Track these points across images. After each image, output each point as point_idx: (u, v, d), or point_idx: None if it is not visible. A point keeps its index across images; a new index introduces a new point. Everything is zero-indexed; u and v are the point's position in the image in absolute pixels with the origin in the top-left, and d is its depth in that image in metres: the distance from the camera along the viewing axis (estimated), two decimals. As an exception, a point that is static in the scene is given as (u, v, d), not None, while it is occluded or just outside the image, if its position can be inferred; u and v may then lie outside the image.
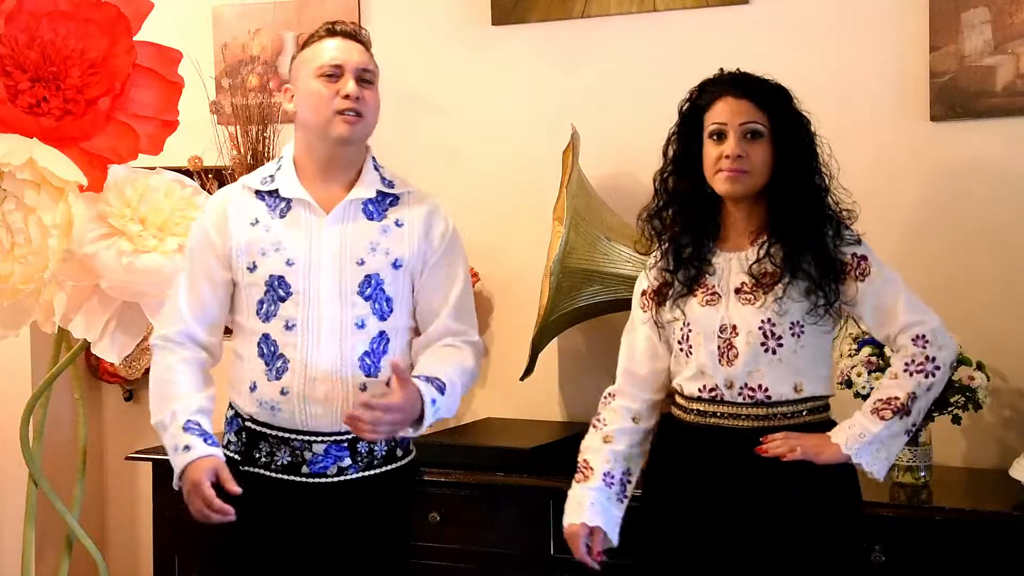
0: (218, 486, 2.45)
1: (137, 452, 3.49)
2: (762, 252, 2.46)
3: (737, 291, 2.48)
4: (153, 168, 3.02)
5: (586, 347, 3.56)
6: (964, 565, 2.71)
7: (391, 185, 2.62)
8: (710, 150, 2.49)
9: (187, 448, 2.49)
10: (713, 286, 2.51)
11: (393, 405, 2.40)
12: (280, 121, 3.60)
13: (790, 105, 2.51)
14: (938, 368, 2.44)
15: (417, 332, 2.66)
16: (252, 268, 2.54)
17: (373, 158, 2.64)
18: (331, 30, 2.60)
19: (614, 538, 2.59)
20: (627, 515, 2.60)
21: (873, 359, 2.90)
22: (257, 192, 2.58)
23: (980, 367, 2.93)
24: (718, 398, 2.49)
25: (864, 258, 2.46)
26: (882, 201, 3.06)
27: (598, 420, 2.65)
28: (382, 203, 2.60)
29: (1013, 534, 2.69)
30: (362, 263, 2.53)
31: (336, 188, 2.57)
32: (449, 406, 2.54)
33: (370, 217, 2.58)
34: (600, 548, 2.56)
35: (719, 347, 2.48)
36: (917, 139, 3.18)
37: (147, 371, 3.90)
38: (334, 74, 2.53)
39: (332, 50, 2.56)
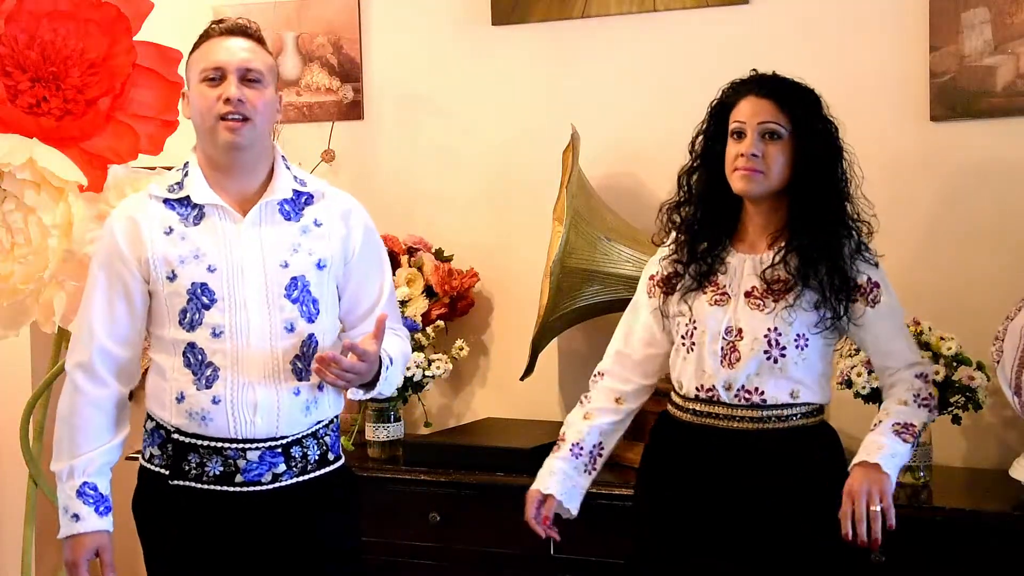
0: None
1: (137, 452, 3.49)
2: (777, 258, 2.46)
3: (747, 294, 2.48)
4: (153, 168, 3.02)
5: (586, 347, 3.56)
6: (964, 565, 2.72)
7: (303, 183, 2.53)
8: (730, 148, 2.50)
9: (75, 517, 2.46)
10: (724, 286, 2.51)
11: (370, 354, 2.40)
12: (279, 121, 3.60)
13: (816, 109, 2.49)
14: (936, 408, 2.53)
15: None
16: (172, 277, 2.42)
17: (283, 157, 2.54)
18: (217, 29, 2.47)
19: (572, 508, 2.65)
20: (620, 513, 2.61)
21: (873, 359, 2.90)
22: (165, 201, 2.47)
23: (980, 367, 2.93)
24: (715, 399, 2.49)
25: (877, 285, 2.47)
26: (882, 201, 3.04)
27: (585, 397, 2.70)
28: (297, 202, 2.50)
29: (1013, 534, 2.69)
30: (286, 265, 2.45)
31: (247, 191, 2.48)
32: (392, 382, 2.56)
33: (287, 218, 2.48)
34: (548, 514, 2.62)
35: (722, 348, 2.48)
36: (917, 139, 3.18)
37: (147, 371, 3.90)
38: (215, 77, 2.42)
39: (215, 52, 2.43)
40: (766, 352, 2.44)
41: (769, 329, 2.44)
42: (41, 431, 3.13)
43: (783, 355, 2.44)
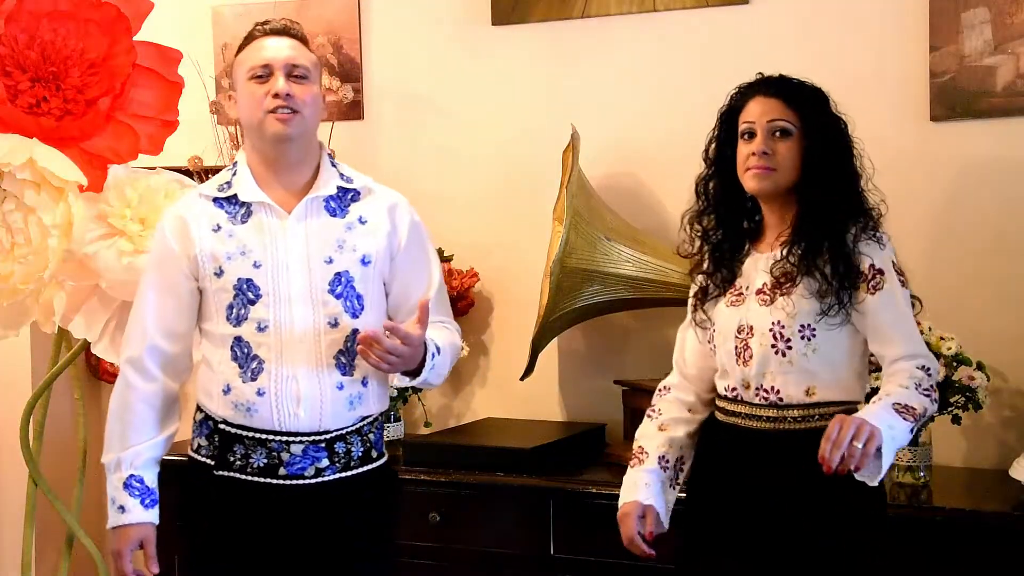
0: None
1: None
2: (784, 252, 2.46)
3: (758, 291, 2.48)
4: (153, 168, 3.01)
5: (586, 347, 3.56)
6: (964, 565, 2.71)
7: (349, 180, 2.59)
8: (741, 149, 2.50)
9: (121, 509, 2.50)
10: (740, 287, 2.52)
11: (413, 338, 2.41)
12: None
13: (823, 106, 2.49)
14: (936, 401, 2.38)
15: None
16: (219, 273, 2.49)
17: (329, 155, 2.61)
18: (262, 30, 2.55)
19: (665, 522, 2.57)
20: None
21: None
22: (215, 200, 2.54)
23: (980, 367, 2.94)
24: (738, 398, 2.50)
25: (881, 272, 2.42)
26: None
27: (653, 411, 2.66)
28: (343, 199, 2.56)
29: (1013, 534, 2.69)
30: (331, 261, 2.50)
31: (294, 189, 2.54)
32: (440, 371, 2.56)
33: (332, 214, 2.54)
34: (652, 528, 2.53)
35: (736, 347, 2.49)
36: (917, 139, 3.18)
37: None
38: (263, 74, 2.50)
39: (262, 50, 2.52)
40: (773, 346, 2.43)
41: (773, 323, 2.44)
42: (41, 431, 3.13)
43: (789, 347, 2.43)
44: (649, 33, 3.46)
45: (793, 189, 2.48)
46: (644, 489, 2.56)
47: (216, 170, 3.64)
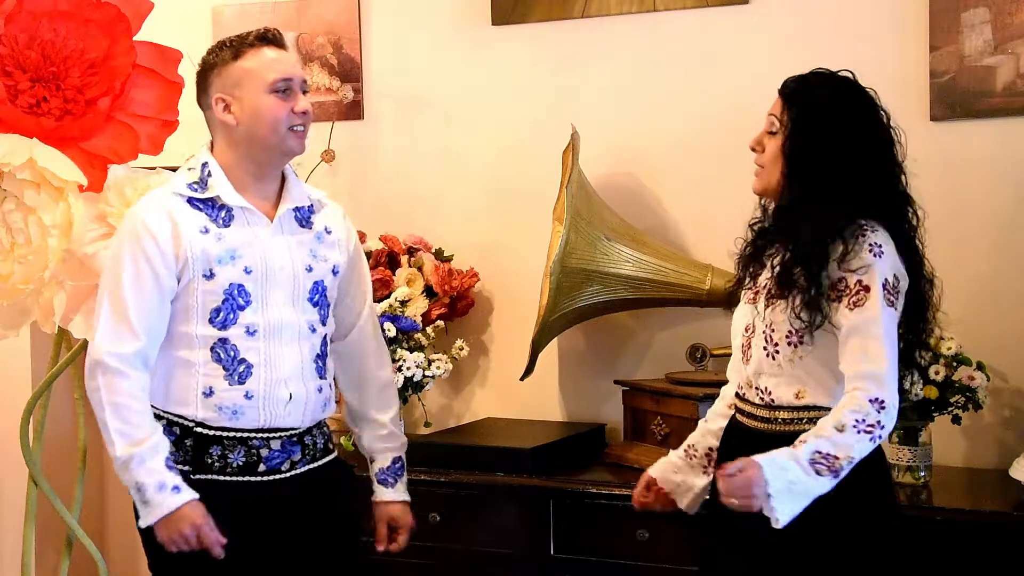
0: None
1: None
2: (785, 254, 2.42)
3: (767, 291, 2.46)
4: (153, 168, 3.01)
5: (586, 347, 3.56)
6: (964, 565, 2.71)
7: (308, 192, 2.65)
8: None
9: (176, 489, 2.43)
10: (759, 286, 2.49)
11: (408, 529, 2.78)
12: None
13: (818, 102, 2.41)
14: (880, 437, 2.29)
15: None
16: (209, 276, 2.49)
17: (289, 165, 2.64)
18: (264, 38, 2.56)
19: (682, 503, 2.65)
20: (621, 513, 2.62)
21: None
22: (189, 200, 2.53)
23: (980, 367, 2.94)
24: (744, 396, 2.51)
25: (868, 288, 2.31)
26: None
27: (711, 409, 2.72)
28: (307, 210, 2.63)
29: (1013, 534, 2.69)
30: (310, 270, 2.58)
31: (266, 197, 2.58)
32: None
33: (302, 225, 2.60)
34: (646, 499, 2.65)
35: (742, 346, 2.50)
36: (917, 139, 3.17)
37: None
38: (287, 88, 2.52)
39: (279, 63, 2.54)
40: (764, 348, 2.43)
41: (767, 325, 2.43)
42: (41, 431, 3.13)
43: (777, 351, 2.42)
44: (649, 33, 3.45)
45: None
46: (658, 464, 2.68)
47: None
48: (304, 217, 2.61)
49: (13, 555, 3.63)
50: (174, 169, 3.09)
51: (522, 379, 3.35)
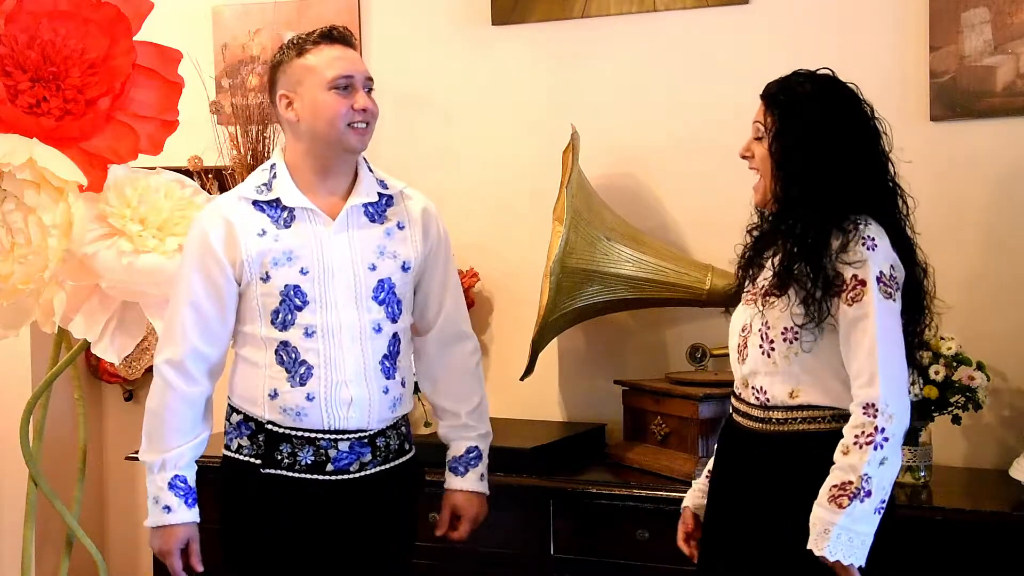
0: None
1: (137, 452, 3.49)
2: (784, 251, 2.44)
3: (764, 290, 2.47)
4: (153, 168, 3.01)
5: (586, 347, 3.56)
6: (964, 565, 2.71)
7: (385, 186, 2.65)
8: None
9: (167, 509, 2.54)
10: (757, 287, 2.49)
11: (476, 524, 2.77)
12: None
13: (800, 104, 2.42)
14: (887, 439, 2.28)
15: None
16: (265, 279, 2.52)
17: (365, 159, 2.65)
18: (329, 36, 2.58)
19: None
20: (621, 513, 2.61)
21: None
22: (254, 203, 2.56)
23: (980, 367, 2.93)
24: (739, 395, 2.51)
25: (863, 283, 2.32)
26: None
27: None
28: (379, 204, 2.62)
29: (1013, 534, 2.69)
30: (374, 268, 2.57)
31: (335, 194, 2.59)
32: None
33: (372, 220, 2.60)
34: (689, 528, 2.60)
35: (738, 345, 2.50)
36: (917, 139, 3.18)
37: (148, 370, 3.90)
38: (347, 85, 2.53)
39: (340, 60, 2.55)
40: (760, 346, 2.43)
41: (763, 323, 2.43)
42: (41, 431, 3.13)
43: (773, 349, 2.41)
44: (649, 33, 3.46)
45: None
46: (688, 495, 2.63)
47: (216, 170, 3.67)
48: (378, 212, 2.60)
49: (13, 555, 3.63)
50: (175, 169, 3.11)
51: (522, 379, 3.35)
